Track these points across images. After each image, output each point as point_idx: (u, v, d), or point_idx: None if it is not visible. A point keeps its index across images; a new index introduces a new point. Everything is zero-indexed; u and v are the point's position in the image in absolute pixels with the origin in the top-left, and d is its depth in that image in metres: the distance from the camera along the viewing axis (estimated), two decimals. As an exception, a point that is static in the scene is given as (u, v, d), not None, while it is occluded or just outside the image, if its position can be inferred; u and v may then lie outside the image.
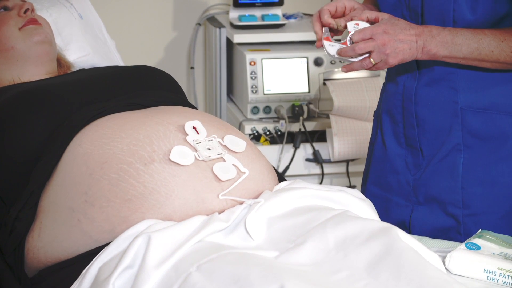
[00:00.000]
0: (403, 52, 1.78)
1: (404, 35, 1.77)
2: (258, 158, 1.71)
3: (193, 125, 1.67)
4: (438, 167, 1.91)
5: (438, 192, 1.91)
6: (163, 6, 3.48)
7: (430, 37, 1.78)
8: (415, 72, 1.91)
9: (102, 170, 1.60)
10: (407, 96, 1.93)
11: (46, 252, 1.61)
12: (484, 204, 1.88)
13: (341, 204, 1.64)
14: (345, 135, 3.02)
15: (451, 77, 1.86)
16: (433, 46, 1.78)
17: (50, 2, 2.42)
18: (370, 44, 1.77)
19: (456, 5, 1.80)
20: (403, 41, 1.77)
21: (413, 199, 1.96)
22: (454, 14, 1.80)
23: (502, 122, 1.84)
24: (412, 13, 1.87)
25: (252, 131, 3.08)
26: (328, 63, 3.12)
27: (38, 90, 1.82)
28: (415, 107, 1.91)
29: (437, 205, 1.92)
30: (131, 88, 1.92)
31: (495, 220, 1.86)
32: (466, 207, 1.89)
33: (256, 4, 3.22)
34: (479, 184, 1.87)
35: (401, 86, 1.94)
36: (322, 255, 1.46)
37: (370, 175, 2.06)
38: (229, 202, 1.60)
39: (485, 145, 1.86)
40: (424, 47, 1.78)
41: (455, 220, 1.90)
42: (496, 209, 1.87)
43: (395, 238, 1.46)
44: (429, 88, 1.89)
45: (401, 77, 1.94)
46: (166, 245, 1.45)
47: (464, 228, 1.89)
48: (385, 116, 2.00)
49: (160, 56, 3.53)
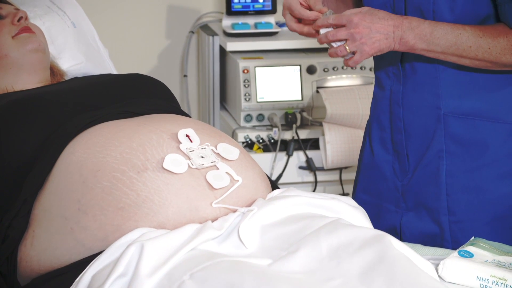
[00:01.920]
0: (380, 42, 1.77)
1: (381, 25, 1.77)
2: (251, 166, 1.72)
3: (186, 133, 1.68)
4: (423, 173, 1.91)
5: (425, 198, 1.92)
6: (156, 14, 3.49)
7: (409, 29, 1.77)
8: (400, 76, 1.91)
9: (95, 178, 1.59)
10: (395, 100, 1.93)
11: (39, 261, 1.61)
12: (469, 211, 1.88)
13: (334, 212, 1.64)
14: (338, 143, 3.02)
15: (434, 82, 1.86)
16: (411, 38, 1.78)
17: (43, 10, 2.42)
18: (343, 32, 1.77)
19: (435, 6, 1.80)
20: (379, 31, 1.77)
21: (402, 205, 1.96)
22: (434, 15, 1.81)
23: (484, 128, 1.84)
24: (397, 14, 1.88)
25: (245, 139, 3.08)
26: (321, 71, 3.12)
27: (31, 99, 1.82)
28: (402, 111, 1.92)
29: (425, 211, 1.93)
30: (124, 96, 1.92)
31: (481, 227, 1.87)
32: (452, 214, 1.89)
33: (249, 12, 3.23)
34: (463, 191, 1.88)
35: (388, 91, 1.94)
36: (315, 263, 1.46)
37: (359, 181, 2.06)
38: (222, 210, 1.60)
39: (467, 151, 1.87)
40: (401, 38, 1.77)
41: (442, 226, 1.90)
42: (481, 216, 1.87)
43: (388, 246, 1.46)
44: (414, 93, 1.90)
45: (387, 82, 1.94)
46: (159, 254, 1.45)
47: (452, 235, 1.89)
48: (373, 123, 2.01)
49: (153, 64, 3.54)
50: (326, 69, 3.13)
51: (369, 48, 1.77)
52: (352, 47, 1.77)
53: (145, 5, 3.47)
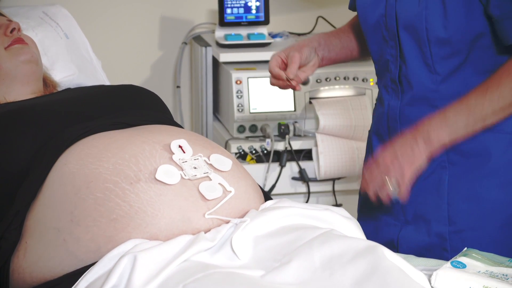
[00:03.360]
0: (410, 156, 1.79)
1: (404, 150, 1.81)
2: (244, 177, 1.72)
3: (179, 144, 1.68)
4: (424, 185, 1.91)
5: (425, 210, 1.92)
6: (149, 25, 3.49)
7: (426, 133, 1.80)
8: (398, 91, 1.92)
9: (88, 189, 1.59)
10: (392, 116, 1.94)
11: (31, 272, 1.61)
12: (469, 221, 1.88)
13: (327, 223, 1.64)
14: (331, 154, 3.02)
15: (432, 95, 1.87)
16: (435, 141, 1.79)
17: (36, 21, 2.43)
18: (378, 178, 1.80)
19: (428, 24, 1.81)
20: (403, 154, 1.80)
21: (402, 218, 1.96)
22: (427, 33, 1.82)
23: (485, 138, 1.85)
24: (390, 33, 1.89)
25: (238, 150, 3.08)
26: (314, 81, 3.13)
27: (23, 110, 1.81)
28: (400, 126, 1.92)
29: (424, 223, 1.93)
30: (117, 107, 1.92)
31: (482, 237, 1.87)
32: (452, 224, 1.89)
33: (242, 23, 3.23)
34: (464, 201, 1.88)
35: (386, 106, 1.95)
36: (308, 274, 1.46)
37: (362, 193, 2.07)
38: (215, 221, 1.59)
39: (469, 161, 1.87)
40: (426, 141, 1.79)
41: (442, 237, 1.90)
42: (482, 225, 1.88)
43: (381, 257, 1.46)
44: (412, 107, 1.90)
45: (386, 97, 1.95)
46: (152, 265, 1.44)
47: (451, 245, 1.90)
48: (374, 136, 2.01)
49: (146, 75, 3.54)
50: (319, 80, 3.13)
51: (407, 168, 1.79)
52: (394, 183, 1.79)
53: (138, 16, 3.47)
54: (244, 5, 3.24)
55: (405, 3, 1.84)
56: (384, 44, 1.92)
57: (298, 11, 3.57)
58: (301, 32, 3.46)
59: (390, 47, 1.91)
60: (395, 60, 1.91)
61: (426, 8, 1.81)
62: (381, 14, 1.90)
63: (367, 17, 1.94)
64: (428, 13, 1.81)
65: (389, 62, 1.93)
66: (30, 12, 2.48)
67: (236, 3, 3.24)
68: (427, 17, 1.81)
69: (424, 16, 1.81)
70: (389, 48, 1.91)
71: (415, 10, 1.82)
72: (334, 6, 3.52)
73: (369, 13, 1.93)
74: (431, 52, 1.84)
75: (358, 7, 1.97)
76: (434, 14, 1.80)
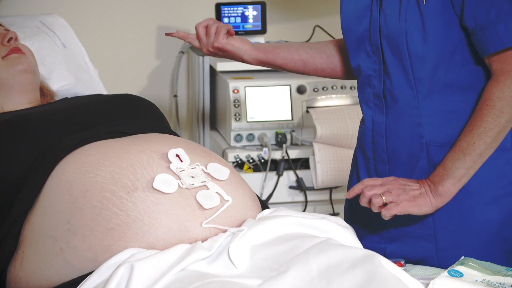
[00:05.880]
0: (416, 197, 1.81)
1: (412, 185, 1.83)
2: (242, 186, 1.72)
3: (176, 153, 1.68)
4: None
5: (411, 227, 1.92)
6: (146, 34, 3.49)
7: (432, 184, 1.81)
8: (382, 107, 1.92)
9: (85, 198, 1.59)
10: (377, 131, 1.94)
11: (28, 282, 1.60)
12: (455, 238, 1.88)
13: (324, 232, 1.64)
14: (328, 163, 3.03)
15: (415, 112, 1.87)
16: (441, 191, 1.81)
17: (33, 31, 2.43)
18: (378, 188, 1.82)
19: (407, 37, 1.82)
20: (413, 188, 1.82)
21: (386, 234, 1.96)
22: (407, 46, 1.82)
23: None
24: (374, 47, 1.89)
25: (235, 159, 3.08)
26: (311, 91, 3.13)
27: (20, 119, 1.81)
28: (386, 141, 1.93)
29: (409, 240, 1.92)
30: (114, 116, 1.92)
31: (468, 255, 1.85)
32: (438, 242, 1.89)
33: (239, 32, 3.24)
34: (448, 219, 1.87)
35: (370, 122, 1.95)
36: (305, 283, 1.46)
37: (347, 210, 2.07)
38: (212, 230, 1.59)
39: None
40: (432, 190, 1.81)
41: (428, 254, 1.90)
42: (468, 243, 1.87)
43: (378, 266, 1.46)
44: (396, 122, 1.90)
45: (368, 112, 1.95)
46: (149, 274, 1.44)
47: (438, 263, 1.89)
48: (359, 152, 2.01)
49: (143, 84, 3.54)
50: (316, 89, 3.14)
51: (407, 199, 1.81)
52: (389, 199, 1.80)
53: (135, 26, 3.47)
54: (241, 14, 3.25)
55: (387, 16, 1.85)
56: (367, 59, 1.93)
57: (295, 20, 3.57)
58: (298, 41, 3.47)
59: (372, 62, 1.92)
60: (378, 75, 1.91)
61: (405, 21, 1.81)
62: (365, 28, 1.91)
63: (351, 31, 1.95)
64: (408, 25, 1.81)
65: (371, 77, 1.93)
66: (27, 22, 2.48)
67: (233, 13, 3.25)
68: (407, 30, 1.81)
69: (404, 29, 1.82)
70: (372, 63, 1.92)
71: (396, 24, 1.83)
72: (331, 16, 3.53)
73: (353, 27, 1.94)
74: (412, 68, 1.84)
75: (343, 21, 1.98)
76: (413, 26, 1.81)
